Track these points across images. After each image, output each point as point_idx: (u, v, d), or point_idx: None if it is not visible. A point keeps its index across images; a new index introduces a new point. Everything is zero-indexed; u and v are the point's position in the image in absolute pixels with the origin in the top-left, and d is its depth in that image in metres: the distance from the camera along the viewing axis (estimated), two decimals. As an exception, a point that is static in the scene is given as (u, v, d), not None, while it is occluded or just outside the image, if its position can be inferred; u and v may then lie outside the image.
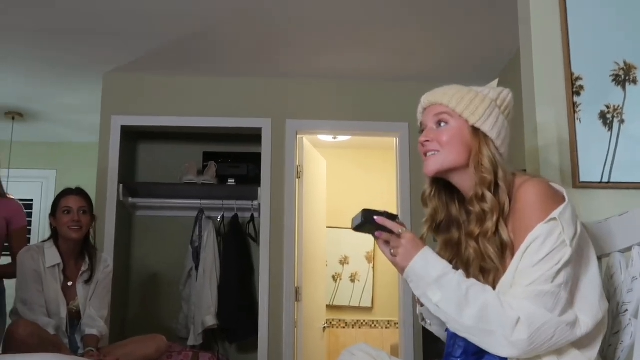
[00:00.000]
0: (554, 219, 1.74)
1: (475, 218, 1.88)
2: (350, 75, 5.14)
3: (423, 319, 2.13)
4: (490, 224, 1.85)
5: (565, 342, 1.72)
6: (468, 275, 1.80)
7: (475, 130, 1.92)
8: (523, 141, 2.67)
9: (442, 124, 1.95)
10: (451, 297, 1.72)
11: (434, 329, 2.11)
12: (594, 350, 1.81)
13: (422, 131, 2.01)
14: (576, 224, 1.80)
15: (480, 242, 1.86)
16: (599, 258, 1.94)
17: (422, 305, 2.04)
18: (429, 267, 1.76)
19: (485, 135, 1.92)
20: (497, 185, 1.88)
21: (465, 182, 1.94)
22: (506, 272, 1.78)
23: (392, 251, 1.80)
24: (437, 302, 1.74)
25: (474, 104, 1.94)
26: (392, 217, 1.83)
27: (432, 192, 2.03)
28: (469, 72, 4.76)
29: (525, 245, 1.75)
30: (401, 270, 1.81)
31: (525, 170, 2.04)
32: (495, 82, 3.01)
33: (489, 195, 1.87)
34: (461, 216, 2.00)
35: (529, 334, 1.67)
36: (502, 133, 1.94)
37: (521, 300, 1.70)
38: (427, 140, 1.95)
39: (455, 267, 1.81)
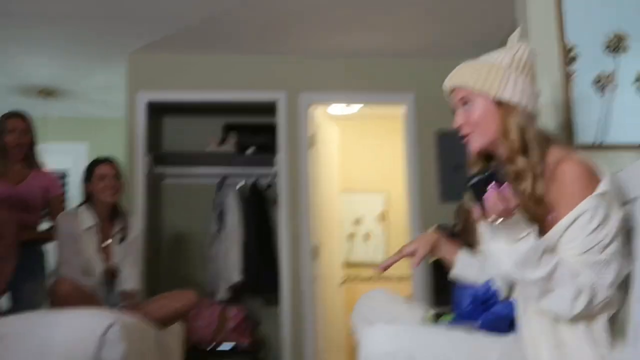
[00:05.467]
0: (603, 192, 1.74)
1: (512, 179, 1.85)
2: (359, 51, 5.13)
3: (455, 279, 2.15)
4: (525, 184, 1.84)
5: (602, 310, 1.74)
6: None
7: (498, 101, 1.90)
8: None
9: (467, 106, 1.93)
10: (527, 258, 1.70)
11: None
12: (614, 308, 1.80)
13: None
14: (620, 194, 1.80)
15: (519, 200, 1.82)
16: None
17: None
18: (514, 228, 1.71)
19: (509, 103, 1.89)
20: (528, 146, 1.86)
21: (502, 149, 1.92)
22: (547, 236, 1.77)
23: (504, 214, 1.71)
24: (512, 263, 1.71)
25: (490, 77, 1.90)
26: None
27: (475, 159, 2.01)
28: (468, 45, 4.72)
29: (573, 216, 1.73)
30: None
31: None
32: (516, 33, 2.97)
33: (519, 159, 1.85)
34: None
35: (587, 302, 1.68)
36: (525, 93, 1.90)
37: (584, 268, 1.70)
38: (460, 125, 1.95)
39: None
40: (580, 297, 1.68)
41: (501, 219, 1.69)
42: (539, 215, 1.82)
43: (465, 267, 2.12)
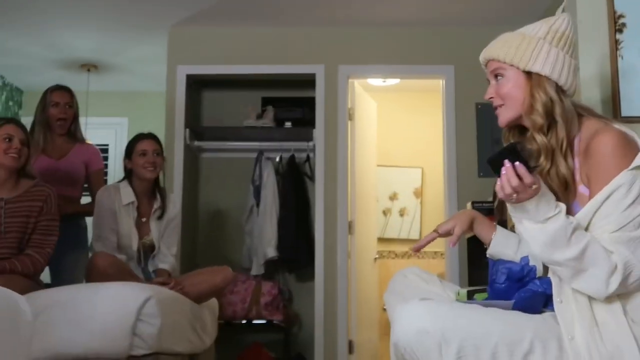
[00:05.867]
0: (639, 166, 1.69)
1: (534, 155, 1.83)
2: (397, 22, 5.04)
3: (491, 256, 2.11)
4: (545, 163, 1.81)
5: (638, 288, 1.70)
6: None
7: (528, 74, 1.86)
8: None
9: (499, 78, 1.92)
10: (556, 238, 1.66)
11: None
12: None
13: None
14: None
15: (540, 176, 1.79)
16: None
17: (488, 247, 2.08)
18: (540, 207, 1.68)
19: (539, 76, 1.85)
20: (556, 121, 1.83)
21: (528, 123, 1.89)
22: (582, 212, 1.73)
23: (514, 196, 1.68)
24: (541, 243, 1.69)
25: (521, 49, 1.86)
26: (528, 166, 1.67)
27: (509, 132, 1.99)
28: (509, 15, 4.61)
29: (608, 190, 1.69)
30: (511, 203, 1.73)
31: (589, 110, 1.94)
32: (561, 7, 2.87)
33: (538, 138, 1.83)
34: None
35: (621, 280, 1.65)
36: (557, 66, 1.85)
37: (617, 245, 1.66)
38: (491, 97, 1.94)
39: None
40: (614, 275, 1.64)
41: (515, 197, 1.66)
42: (565, 195, 1.80)
43: (502, 246, 2.08)
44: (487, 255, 2.11)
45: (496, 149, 1.77)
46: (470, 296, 1.97)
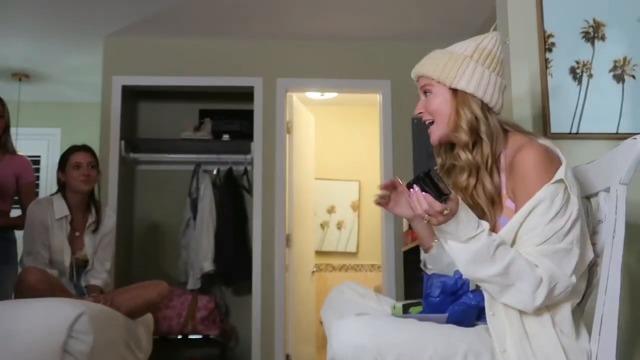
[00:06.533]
0: (560, 180, 1.72)
1: (459, 171, 1.88)
2: (336, 37, 5.07)
3: (425, 265, 2.12)
4: (468, 180, 1.85)
5: (564, 299, 1.73)
6: None
7: (455, 91, 1.89)
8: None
9: (428, 94, 1.94)
10: (478, 256, 1.68)
11: (436, 270, 2.09)
12: (578, 297, 1.80)
13: None
14: (576, 182, 1.78)
15: (464, 193, 1.85)
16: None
17: (426, 252, 2.08)
18: (460, 228, 1.68)
19: (464, 93, 1.88)
20: (481, 138, 1.86)
21: (455, 141, 1.92)
22: (506, 227, 1.76)
23: (426, 216, 1.68)
24: (465, 261, 1.70)
25: (448, 66, 1.89)
26: (441, 193, 1.65)
27: (440, 148, 2.00)
28: (446, 32, 4.69)
29: (531, 205, 1.71)
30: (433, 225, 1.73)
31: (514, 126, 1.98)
32: (494, 25, 2.93)
33: (463, 155, 1.86)
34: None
35: (547, 292, 1.67)
36: (482, 83, 1.88)
37: (541, 258, 1.68)
38: (420, 112, 1.96)
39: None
40: (540, 288, 1.67)
41: (427, 218, 1.67)
42: (492, 211, 1.83)
43: (436, 257, 2.08)
44: (421, 260, 2.13)
45: (431, 163, 1.79)
46: (405, 310, 1.98)
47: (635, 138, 1.77)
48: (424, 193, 1.65)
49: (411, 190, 1.68)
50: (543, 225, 1.69)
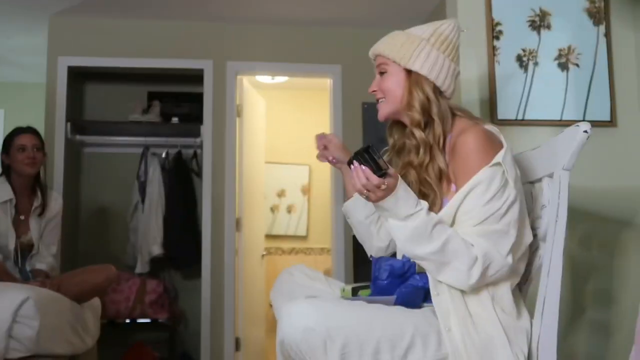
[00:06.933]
0: (498, 163, 1.75)
1: (412, 150, 1.91)
2: (286, 21, 5.04)
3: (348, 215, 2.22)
4: (423, 157, 1.89)
5: (500, 278, 1.77)
6: None
7: (409, 72, 1.93)
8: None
9: (383, 73, 1.99)
10: (416, 234, 1.71)
11: (354, 223, 2.21)
12: (517, 277, 1.85)
13: None
14: (515, 166, 1.81)
15: (417, 170, 1.87)
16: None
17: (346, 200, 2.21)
18: (399, 205, 1.72)
19: (418, 74, 1.92)
20: (432, 119, 1.90)
21: (406, 120, 1.97)
22: (446, 208, 1.80)
23: (365, 192, 1.71)
24: (403, 239, 1.73)
25: (404, 47, 1.93)
26: (379, 168, 1.69)
27: (391, 127, 2.07)
28: (396, 18, 4.72)
29: (469, 186, 1.76)
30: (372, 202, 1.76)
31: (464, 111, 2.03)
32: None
33: (417, 133, 1.90)
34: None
35: (482, 271, 1.71)
36: (435, 67, 1.92)
37: (477, 238, 1.73)
38: (374, 90, 2.01)
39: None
40: (475, 266, 1.71)
41: (365, 194, 1.71)
42: (441, 190, 1.87)
43: (358, 207, 2.18)
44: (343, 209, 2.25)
45: (382, 148, 1.81)
46: (354, 292, 2.00)
47: (578, 125, 1.82)
48: (362, 167, 1.68)
49: (351, 165, 1.71)
50: (480, 206, 1.74)
